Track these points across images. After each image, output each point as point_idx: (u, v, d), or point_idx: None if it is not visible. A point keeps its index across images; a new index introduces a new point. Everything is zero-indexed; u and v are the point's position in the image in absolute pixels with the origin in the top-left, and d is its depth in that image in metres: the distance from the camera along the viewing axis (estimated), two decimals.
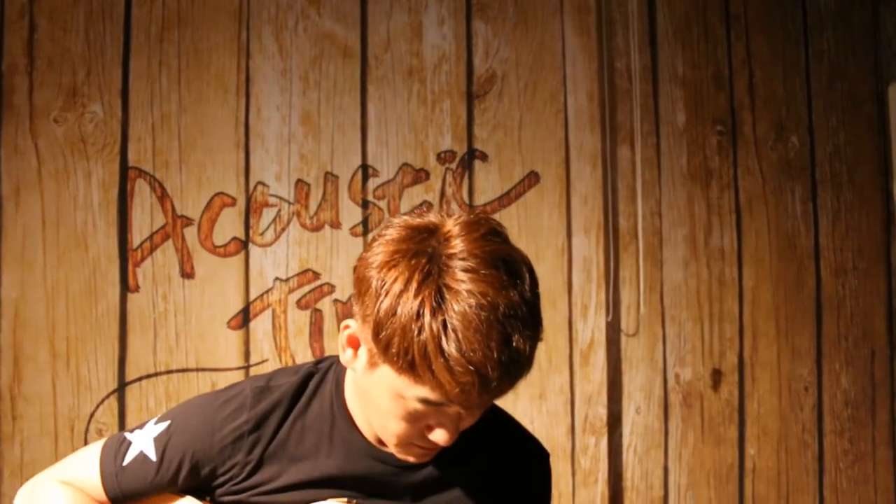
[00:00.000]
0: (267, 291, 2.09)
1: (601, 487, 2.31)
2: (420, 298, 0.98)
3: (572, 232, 2.30)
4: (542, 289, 2.43)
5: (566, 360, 2.28)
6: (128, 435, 1.24)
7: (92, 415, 2.03)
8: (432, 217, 1.06)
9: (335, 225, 2.12)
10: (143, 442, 1.21)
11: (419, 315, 0.97)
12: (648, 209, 2.40)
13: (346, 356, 1.12)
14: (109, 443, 1.24)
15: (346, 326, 1.10)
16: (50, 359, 2.03)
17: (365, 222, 2.13)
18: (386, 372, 1.04)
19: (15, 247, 2.03)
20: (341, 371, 1.23)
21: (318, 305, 2.10)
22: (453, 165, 2.20)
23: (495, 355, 0.97)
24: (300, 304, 2.10)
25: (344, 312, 2.11)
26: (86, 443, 2.04)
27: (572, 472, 2.29)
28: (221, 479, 1.19)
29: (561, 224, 2.27)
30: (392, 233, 1.05)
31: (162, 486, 1.20)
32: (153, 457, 1.19)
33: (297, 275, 2.10)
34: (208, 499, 1.23)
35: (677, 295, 2.43)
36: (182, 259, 2.07)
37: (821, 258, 2.58)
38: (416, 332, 0.97)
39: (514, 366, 1.00)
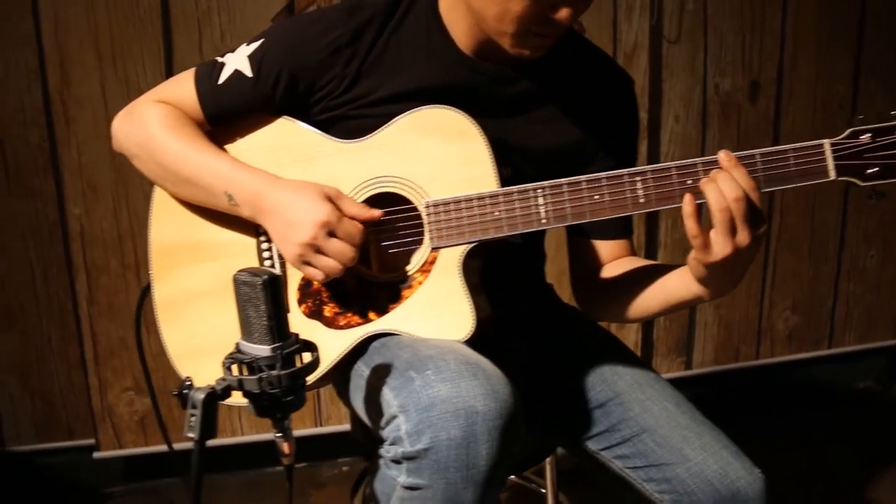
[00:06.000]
0: None
1: None
2: None
3: None
4: None
5: None
6: (219, 58, 1.24)
7: None
8: None
9: None
10: (238, 61, 1.22)
11: None
12: None
13: None
14: (202, 67, 1.25)
15: None
16: (96, 61, 2.00)
17: None
18: None
19: None
20: None
21: None
22: None
23: None
24: None
25: None
26: None
27: None
28: (319, 95, 1.21)
29: None
30: None
31: (259, 101, 1.22)
32: (249, 73, 1.20)
33: None
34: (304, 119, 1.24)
35: (720, 3, 2.38)
36: None
37: None
38: None
39: None
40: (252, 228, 1.22)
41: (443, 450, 0.95)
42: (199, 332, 1.24)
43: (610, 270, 1.33)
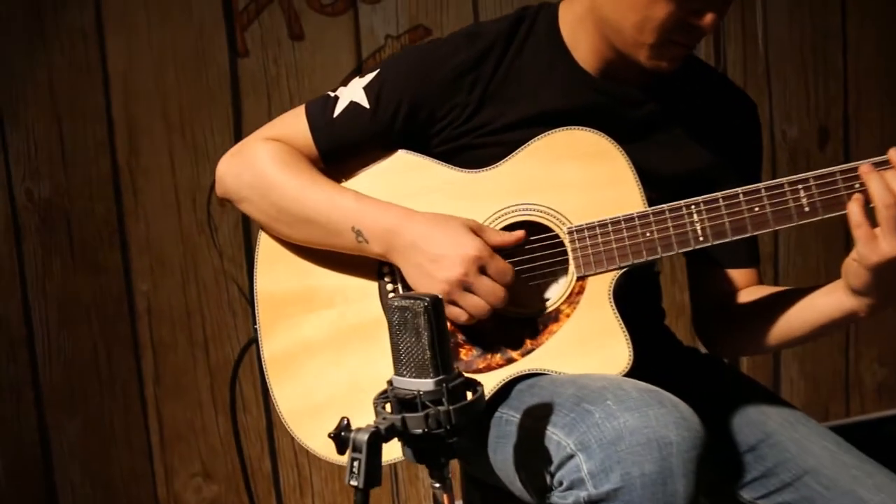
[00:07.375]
0: (379, 50, 2.01)
1: None
2: None
3: None
4: None
5: None
6: (331, 93, 1.19)
7: (213, 185, 1.98)
8: None
9: None
10: (353, 93, 1.16)
11: None
12: None
13: None
14: (313, 102, 1.19)
15: None
16: (165, 131, 1.96)
17: None
18: None
19: (116, 12, 1.92)
20: (553, 11, 1.17)
21: None
22: None
23: None
24: None
25: None
26: (209, 214, 2.01)
27: None
28: (440, 125, 1.15)
29: None
30: None
31: (376, 134, 1.15)
32: (366, 104, 1.14)
33: (408, 31, 2.02)
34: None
35: (782, 49, 2.36)
36: (290, 20, 1.97)
37: None
38: None
39: None
40: (372, 270, 1.14)
41: (636, 488, 0.84)
42: (318, 386, 1.14)
43: (745, 297, 1.24)
